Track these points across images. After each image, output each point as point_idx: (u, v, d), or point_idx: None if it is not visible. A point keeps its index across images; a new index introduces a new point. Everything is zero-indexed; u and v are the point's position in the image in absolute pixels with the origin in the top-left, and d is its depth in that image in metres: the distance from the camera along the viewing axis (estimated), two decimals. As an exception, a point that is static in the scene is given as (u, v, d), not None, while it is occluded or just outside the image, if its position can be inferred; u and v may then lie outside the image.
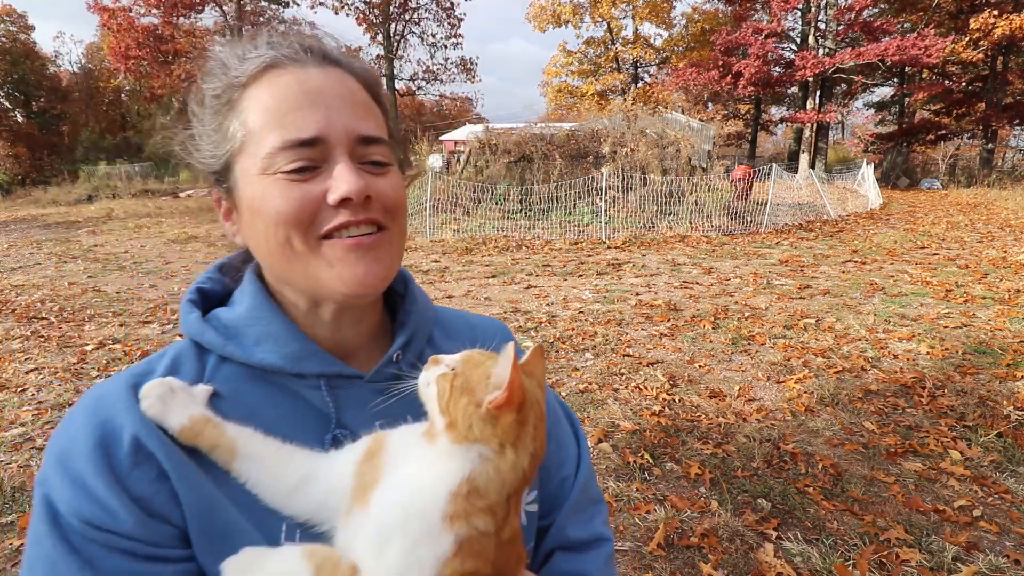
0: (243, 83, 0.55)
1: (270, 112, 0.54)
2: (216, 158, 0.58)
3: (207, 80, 0.58)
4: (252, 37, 0.58)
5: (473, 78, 35.96)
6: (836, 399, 3.63)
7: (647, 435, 3.22)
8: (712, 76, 25.21)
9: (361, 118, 0.56)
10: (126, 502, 0.49)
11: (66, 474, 0.49)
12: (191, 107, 0.60)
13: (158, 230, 13.34)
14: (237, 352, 0.58)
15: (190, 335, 0.61)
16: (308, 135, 0.53)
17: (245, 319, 0.60)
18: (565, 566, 0.69)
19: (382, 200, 0.57)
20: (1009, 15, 20.64)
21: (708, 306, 5.92)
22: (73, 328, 5.52)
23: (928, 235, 10.46)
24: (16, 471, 2.92)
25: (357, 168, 0.55)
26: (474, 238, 10.85)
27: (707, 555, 2.26)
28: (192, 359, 0.59)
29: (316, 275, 0.56)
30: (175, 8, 25.56)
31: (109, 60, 29.29)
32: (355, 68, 0.60)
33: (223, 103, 0.56)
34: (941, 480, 2.74)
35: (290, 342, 0.58)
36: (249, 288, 0.62)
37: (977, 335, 4.71)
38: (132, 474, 0.50)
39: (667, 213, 11.51)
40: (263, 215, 0.54)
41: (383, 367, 0.62)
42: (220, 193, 0.61)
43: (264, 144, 0.53)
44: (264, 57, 0.55)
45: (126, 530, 0.48)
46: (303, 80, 0.55)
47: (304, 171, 0.53)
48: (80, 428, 0.51)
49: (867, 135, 32.56)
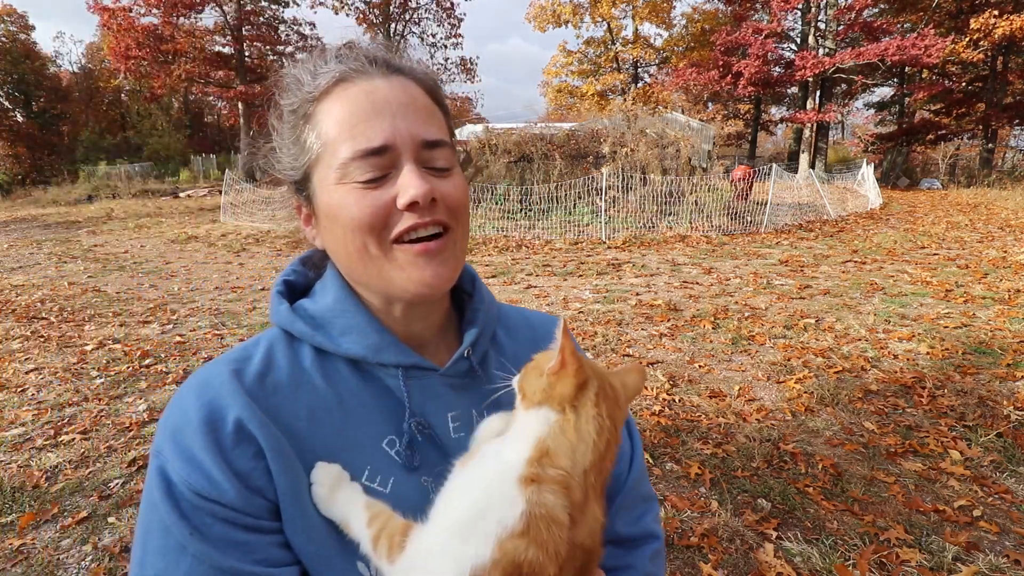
0: (316, 97, 0.60)
1: (342, 124, 0.58)
2: (296, 169, 0.63)
3: (284, 96, 0.63)
4: (322, 52, 0.63)
5: (473, 78, 35.95)
6: (836, 399, 3.63)
7: (647, 435, 3.22)
8: (712, 76, 25.19)
9: (424, 123, 0.60)
10: (229, 476, 0.53)
11: (178, 448, 0.54)
12: (271, 121, 0.66)
13: (158, 230, 13.34)
14: (325, 342, 0.63)
15: (281, 324, 0.66)
16: (377, 144, 0.57)
17: (331, 311, 0.65)
18: (611, 561, 0.72)
19: (447, 201, 0.61)
20: (1009, 15, 20.63)
21: (708, 306, 5.92)
22: (73, 328, 5.52)
23: (928, 235, 10.46)
24: (16, 471, 2.92)
25: (422, 172, 0.59)
26: (474, 238, 10.85)
27: (707, 555, 2.26)
28: (284, 348, 0.64)
29: (389, 277, 0.61)
30: (175, 8, 25.53)
31: (109, 60, 29.28)
32: (417, 74, 0.64)
33: (299, 117, 0.62)
34: (941, 480, 2.74)
35: (371, 334, 0.64)
36: (333, 282, 0.67)
37: (977, 335, 4.71)
38: (235, 451, 0.54)
39: (667, 213, 11.51)
40: (340, 222, 0.60)
41: (456, 363, 0.67)
42: (300, 201, 0.66)
43: (338, 155, 0.58)
44: (334, 72, 0.60)
45: (229, 500, 0.53)
46: (370, 91, 0.59)
47: (375, 180, 0.58)
48: (190, 406, 0.56)
49: (867, 135, 32.54)
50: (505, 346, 0.75)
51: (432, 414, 0.65)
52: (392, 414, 0.63)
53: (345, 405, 0.62)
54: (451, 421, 0.66)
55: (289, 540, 0.55)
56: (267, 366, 0.62)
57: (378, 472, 0.60)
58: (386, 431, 0.62)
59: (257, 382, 0.60)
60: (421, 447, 0.63)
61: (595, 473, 0.50)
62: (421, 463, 0.62)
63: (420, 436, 0.63)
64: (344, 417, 0.61)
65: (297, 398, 0.60)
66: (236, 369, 0.60)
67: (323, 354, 0.64)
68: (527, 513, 0.46)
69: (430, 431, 0.64)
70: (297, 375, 0.62)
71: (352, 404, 0.62)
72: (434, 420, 0.64)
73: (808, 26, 25.53)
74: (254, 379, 0.60)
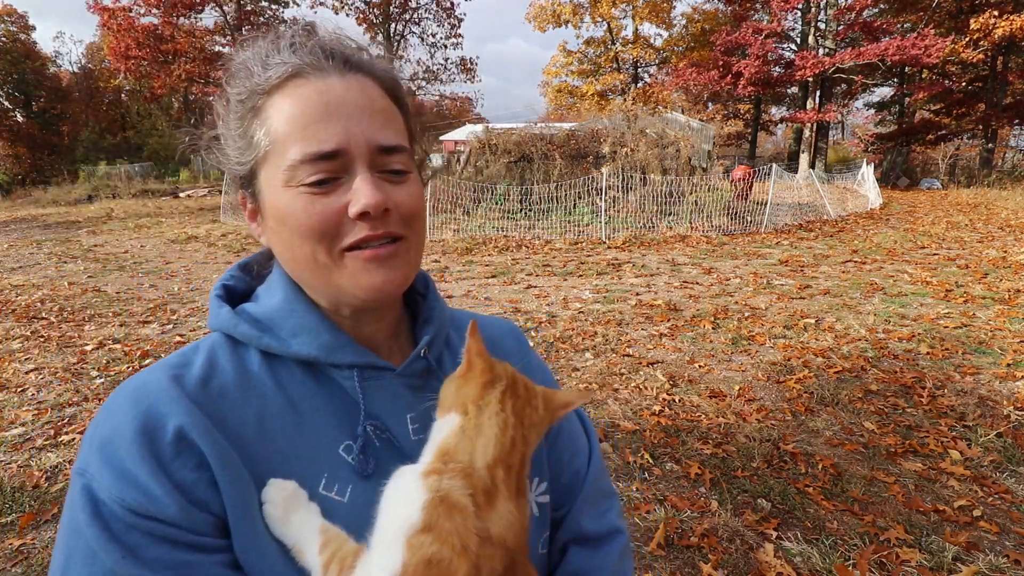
0: (266, 90, 0.57)
1: (292, 123, 0.55)
2: (242, 164, 0.59)
3: (232, 84, 0.59)
4: (276, 39, 0.59)
5: (473, 78, 35.99)
6: (836, 399, 3.63)
7: (647, 435, 3.22)
8: (712, 76, 25.20)
9: (380, 127, 0.57)
10: (169, 489, 0.49)
11: (108, 463, 0.50)
12: (217, 108, 0.61)
13: (158, 230, 13.34)
14: (274, 343, 0.59)
15: (223, 329, 0.61)
16: (328, 148, 0.54)
17: (279, 312, 0.61)
18: (582, 563, 0.70)
19: (401, 210, 0.58)
20: (1009, 15, 20.63)
21: (708, 306, 5.92)
22: (73, 328, 5.52)
23: (928, 235, 10.46)
24: (16, 471, 2.92)
25: (376, 180, 0.56)
26: (474, 238, 10.85)
27: (707, 555, 2.26)
28: (227, 352, 0.60)
29: (338, 284, 0.58)
30: (175, 8, 25.57)
31: (109, 60, 29.30)
32: (377, 72, 0.60)
33: (248, 109, 0.58)
34: (941, 480, 2.74)
35: (323, 333, 0.60)
36: (280, 283, 0.63)
37: (977, 335, 4.71)
38: (176, 461, 0.50)
39: (667, 213, 11.51)
40: (288, 226, 0.57)
41: (412, 362, 0.64)
42: (245, 195, 0.62)
43: (287, 155, 0.55)
44: (287, 66, 0.56)
45: (170, 516, 0.48)
46: (323, 91, 0.55)
47: (325, 183, 0.55)
48: (122, 417, 0.52)
49: (867, 135, 32.54)
50: (458, 347, 0.72)
51: (390, 416, 0.61)
52: (348, 418, 0.60)
53: (298, 410, 0.58)
54: (410, 423, 0.62)
55: (239, 558, 0.51)
56: (210, 371, 0.57)
57: (336, 480, 0.57)
58: (342, 436, 0.59)
59: (200, 387, 0.55)
60: (378, 452, 0.60)
61: (503, 468, 0.49)
62: (377, 468, 0.58)
63: (377, 440, 0.60)
64: (297, 423, 0.58)
65: (245, 404, 0.56)
66: (175, 375, 0.56)
67: (271, 357, 0.60)
68: (426, 502, 0.44)
69: (388, 434, 0.60)
70: (244, 380, 0.58)
71: (305, 409, 0.59)
72: (392, 423, 0.61)
73: (808, 26, 25.53)
74: (196, 384, 0.55)
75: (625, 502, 2.63)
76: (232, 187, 0.65)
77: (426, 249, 7.33)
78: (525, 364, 0.75)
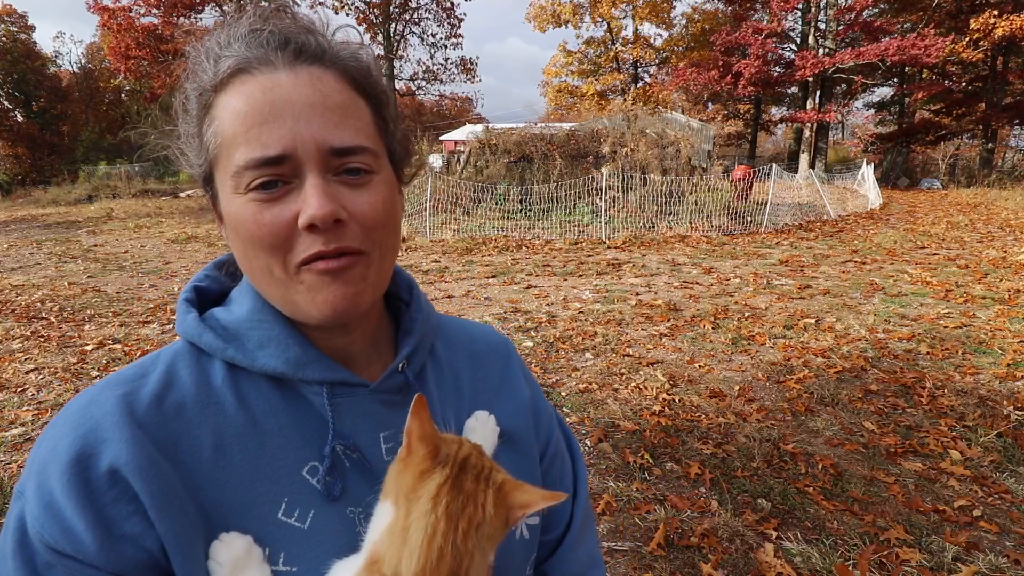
0: (215, 86, 0.52)
1: (237, 124, 0.50)
2: (199, 166, 0.55)
3: (189, 79, 0.55)
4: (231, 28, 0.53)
5: (473, 78, 35.97)
6: (836, 399, 3.63)
7: (647, 435, 3.22)
8: (712, 76, 25.21)
9: (334, 126, 0.51)
10: (93, 525, 0.45)
11: (40, 490, 0.46)
12: (177, 104, 0.57)
13: (158, 230, 13.34)
14: (238, 356, 0.55)
15: (187, 337, 0.57)
16: (272, 153, 0.49)
17: (246, 322, 0.57)
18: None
19: (361, 220, 0.52)
20: (1009, 15, 20.64)
21: (708, 306, 5.92)
22: (73, 328, 5.52)
23: (928, 235, 10.46)
24: (16, 471, 2.92)
25: (328, 187, 0.50)
26: (474, 238, 10.85)
27: (707, 555, 2.26)
28: (189, 364, 0.56)
29: (293, 300, 0.53)
30: (175, 8, 25.55)
31: (109, 60, 29.28)
32: (339, 60, 0.54)
33: (201, 106, 0.53)
34: (941, 480, 2.74)
35: (292, 347, 0.56)
36: (249, 290, 0.58)
37: (977, 335, 4.71)
38: (107, 494, 0.46)
39: (667, 213, 11.51)
40: (240, 236, 0.52)
41: (388, 377, 0.60)
42: (208, 196, 0.58)
43: (233, 160, 0.50)
44: (233, 59, 0.51)
45: (88, 557, 0.45)
46: (269, 88, 0.50)
47: (272, 187, 0.50)
48: (61, 440, 0.48)
49: (867, 135, 32.56)
50: (443, 359, 0.68)
51: (361, 435, 0.57)
52: (315, 437, 0.55)
53: (259, 428, 0.54)
54: (383, 442, 0.58)
55: None
56: (166, 386, 0.53)
57: (296, 505, 0.53)
58: (308, 456, 0.54)
59: (153, 406, 0.51)
60: (346, 473, 0.55)
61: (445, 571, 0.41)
62: (345, 491, 0.55)
63: (347, 460, 0.56)
64: (259, 443, 0.53)
65: (203, 422, 0.52)
66: (126, 392, 0.51)
67: (237, 370, 0.56)
68: None
69: (358, 453, 0.56)
70: (203, 395, 0.54)
71: (268, 427, 0.54)
72: (363, 442, 0.56)
73: (808, 26, 25.54)
74: (149, 403, 0.51)
75: (625, 502, 2.63)
76: None
77: (426, 249, 7.31)
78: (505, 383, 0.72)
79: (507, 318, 5.65)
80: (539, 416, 0.73)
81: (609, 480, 2.81)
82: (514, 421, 0.69)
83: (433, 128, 33.74)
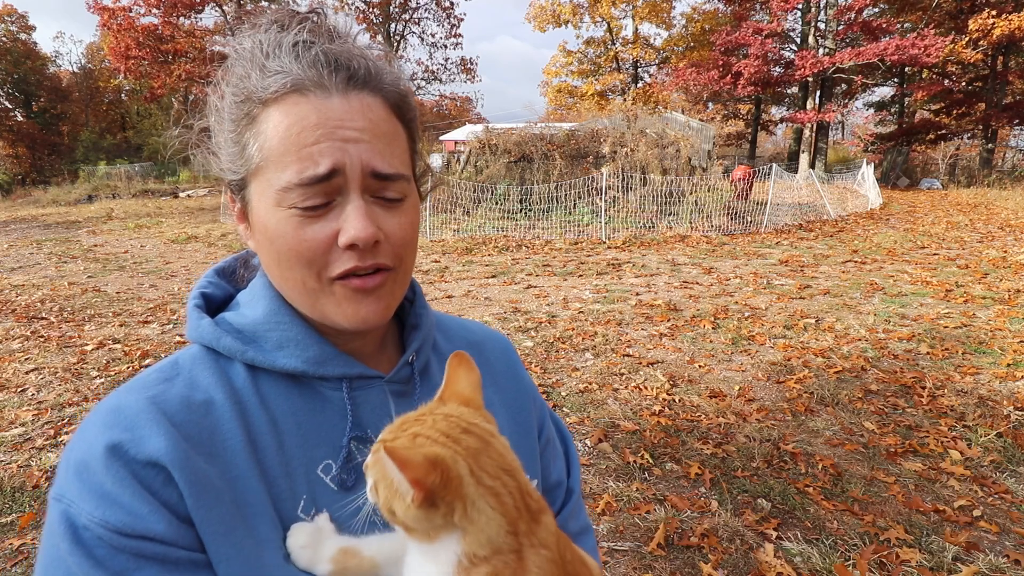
0: (264, 100, 0.54)
1: (287, 142, 0.52)
2: (234, 172, 0.57)
3: (230, 81, 0.56)
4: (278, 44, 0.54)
5: (473, 78, 35.98)
6: (836, 399, 3.63)
7: (647, 435, 3.22)
8: (712, 76, 25.19)
9: (380, 152, 0.54)
10: (156, 507, 0.47)
11: (86, 486, 0.47)
12: (212, 101, 0.59)
13: (158, 230, 13.34)
14: (258, 357, 0.58)
15: (204, 342, 0.59)
16: (323, 171, 0.52)
17: (263, 324, 0.59)
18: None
19: (392, 240, 0.56)
20: (1009, 15, 20.63)
21: (708, 306, 5.92)
22: (73, 328, 5.52)
23: (928, 235, 10.46)
24: (16, 471, 2.92)
25: (368, 209, 0.54)
26: (474, 238, 10.85)
27: (707, 555, 2.26)
28: (210, 367, 0.57)
29: (323, 310, 0.57)
30: (175, 8, 25.53)
31: (109, 60, 29.28)
32: (384, 87, 0.57)
33: (244, 114, 0.55)
34: (941, 480, 2.74)
35: (311, 346, 0.59)
36: (264, 293, 0.61)
37: (977, 335, 4.71)
38: (155, 481, 0.48)
39: (667, 213, 11.51)
40: (276, 247, 0.55)
41: (400, 368, 0.64)
42: (234, 197, 0.60)
43: (280, 176, 0.53)
44: (287, 78, 0.53)
45: (158, 534, 0.47)
46: (324, 110, 0.53)
47: (317, 209, 0.53)
48: (95, 439, 0.49)
49: (867, 135, 32.53)
50: (445, 352, 0.71)
51: (376, 426, 0.60)
52: (331, 434, 0.58)
53: (279, 427, 0.56)
54: None
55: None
56: (191, 388, 0.55)
57: (312, 504, 0.55)
58: (323, 455, 0.57)
59: (182, 406, 0.53)
60: (359, 467, 0.58)
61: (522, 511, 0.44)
62: (357, 481, 0.57)
63: (359, 455, 0.59)
64: (279, 441, 0.56)
65: (232, 419, 0.54)
66: (153, 395, 0.53)
67: (255, 371, 0.58)
68: None
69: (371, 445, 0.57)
70: (228, 396, 0.56)
71: (287, 426, 0.57)
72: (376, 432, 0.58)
73: (808, 26, 25.53)
74: (178, 404, 0.53)
75: (625, 502, 2.63)
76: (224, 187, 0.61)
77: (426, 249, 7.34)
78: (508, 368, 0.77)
79: (507, 318, 5.65)
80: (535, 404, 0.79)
81: (609, 480, 2.81)
82: (519, 402, 0.75)
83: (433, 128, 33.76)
